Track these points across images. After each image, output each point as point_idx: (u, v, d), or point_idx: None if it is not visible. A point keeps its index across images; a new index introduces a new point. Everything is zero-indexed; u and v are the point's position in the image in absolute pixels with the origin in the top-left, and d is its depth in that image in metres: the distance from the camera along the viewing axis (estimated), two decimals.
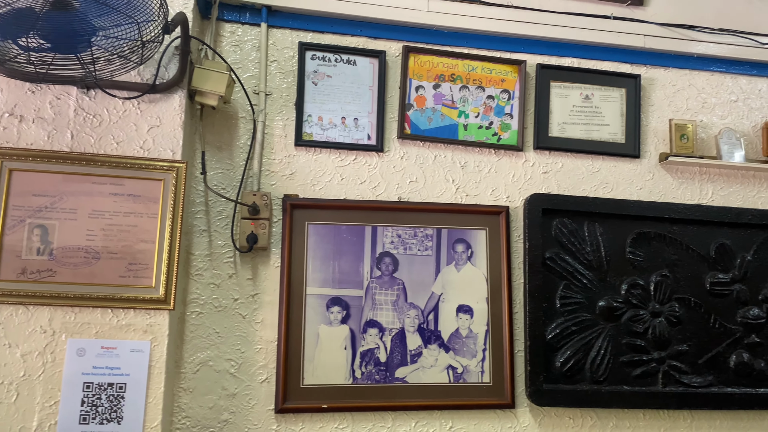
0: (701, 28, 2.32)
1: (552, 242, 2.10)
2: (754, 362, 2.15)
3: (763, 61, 2.37)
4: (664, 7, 2.34)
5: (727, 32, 2.34)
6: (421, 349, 2.01)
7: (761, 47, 2.36)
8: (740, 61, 2.37)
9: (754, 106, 2.37)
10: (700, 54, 2.33)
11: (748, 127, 2.35)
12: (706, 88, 2.35)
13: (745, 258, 2.20)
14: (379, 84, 2.11)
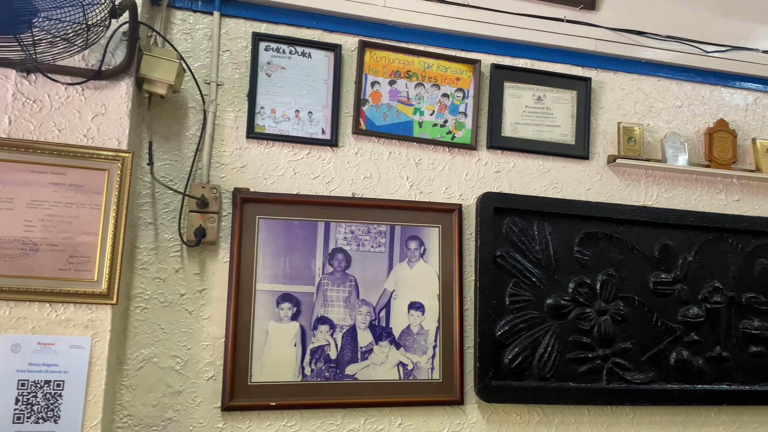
0: (650, 35, 2.44)
1: (503, 240, 2.17)
2: (693, 360, 2.26)
3: (707, 68, 2.50)
4: (615, 12, 2.44)
5: (674, 39, 2.46)
6: (372, 345, 2.04)
7: (705, 55, 2.49)
8: (686, 68, 2.50)
9: (697, 111, 2.50)
10: (648, 59, 2.44)
11: (691, 132, 2.48)
12: (653, 93, 2.46)
13: (686, 259, 2.32)
14: (334, 78, 2.13)
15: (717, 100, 2.53)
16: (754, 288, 2.38)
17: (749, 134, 2.54)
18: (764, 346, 2.35)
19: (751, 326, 2.34)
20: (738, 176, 2.45)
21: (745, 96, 2.57)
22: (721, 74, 2.54)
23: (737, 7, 2.60)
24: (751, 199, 2.50)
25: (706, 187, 2.46)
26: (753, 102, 2.57)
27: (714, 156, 2.41)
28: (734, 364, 2.31)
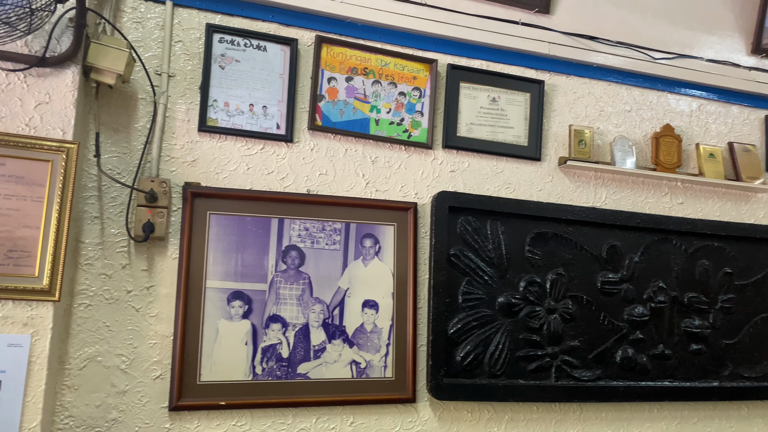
0: (601, 40, 2.54)
1: (457, 239, 2.22)
2: (637, 357, 2.37)
3: (655, 74, 2.62)
4: (568, 16, 2.53)
5: (624, 45, 2.57)
6: (325, 344, 2.05)
7: (653, 62, 2.61)
8: (635, 74, 2.61)
9: (645, 116, 2.62)
10: (599, 64, 2.54)
11: (639, 135, 2.60)
12: (603, 97, 2.57)
13: (632, 259, 2.43)
14: (290, 72, 2.13)
15: (664, 105, 2.66)
16: (696, 288, 2.51)
17: (693, 139, 2.67)
18: (704, 344, 2.48)
19: (692, 325, 2.47)
20: (682, 180, 2.57)
21: (690, 102, 2.70)
22: (667, 80, 2.66)
23: (684, 16, 2.74)
24: (694, 202, 2.63)
25: (653, 189, 2.58)
26: (697, 108, 2.71)
27: (660, 160, 2.53)
28: (676, 361, 2.43)
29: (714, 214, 2.65)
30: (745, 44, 2.84)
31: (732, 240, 2.59)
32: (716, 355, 2.49)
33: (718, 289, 2.53)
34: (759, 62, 2.84)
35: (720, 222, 2.57)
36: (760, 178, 2.68)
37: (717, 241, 2.56)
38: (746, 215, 2.71)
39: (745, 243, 2.61)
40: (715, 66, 2.72)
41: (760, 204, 2.74)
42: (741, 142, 2.73)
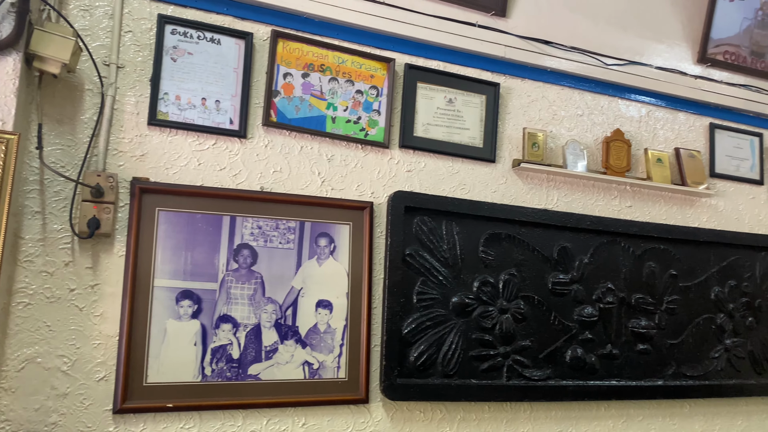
0: (555, 44, 2.61)
1: (412, 239, 2.24)
2: (586, 357, 2.45)
3: (606, 80, 2.72)
4: (524, 20, 2.59)
5: (577, 51, 2.66)
6: (277, 345, 2.04)
7: (605, 67, 2.70)
8: (587, 79, 2.70)
9: (596, 121, 2.71)
10: (553, 68, 2.62)
11: (590, 140, 2.68)
12: (556, 101, 2.64)
13: (582, 260, 2.51)
14: (244, 67, 2.12)
15: (614, 110, 2.75)
16: (643, 289, 2.61)
17: (642, 144, 2.78)
18: (650, 344, 2.58)
19: (639, 325, 2.56)
20: (631, 184, 2.68)
21: (639, 108, 2.81)
22: (618, 86, 2.76)
23: (635, 24, 2.85)
24: (642, 205, 2.74)
25: (602, 192, 2.67)
26: (646, 114, 2.82)
27: (610, 164, 2.63)
28: (623, 360, 2.52)
29: (661, 218, 2.76)
30: (691, 53, 2.97)
31: (677, 243, 2.71)
32: (661, 355, 2.60)
33: (663, 290, 2.64)
34: (704, 71, 2.98)
35: (666, 225, 2.69)
36: (704, 183, 2.81)
37: (663, 244, 2.67)
38: (691, 219, 2.83)
39: (689, 246, 2.73)
40: (663, 73, 2.84)
41: (704, 208, 2.88)
42: (687, 148, 2.85)
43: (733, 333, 2.77)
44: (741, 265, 2.84)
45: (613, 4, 2.82)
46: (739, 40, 3.04)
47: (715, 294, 2.75)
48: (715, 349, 2.72)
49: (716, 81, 2.98)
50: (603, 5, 2.79)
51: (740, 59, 3.06)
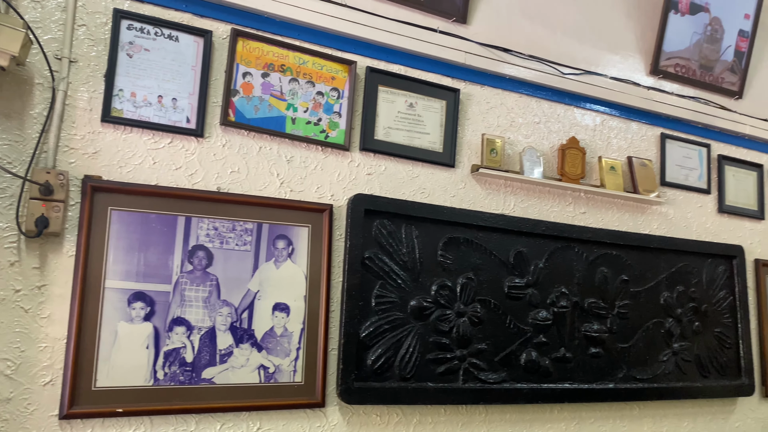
0: (514, 52, 2.67)
1: (372, 242, 2.26)
2: (540, 360, 2.51)
3: (563, 89, 2.80)
4: (484, 27, 2.65)
5: (535, 59, 2.72)
6: (232, 348, 2.02)
7: (562, 76, 2.78)
8: (544, 87, 2.77)
9: (553, 128, 2.78)
10: (512, 76, 2.67)
11: (547, 147, 2.75)
12: (515, 109, 2.70)
13: (537, 265, 2.57)
14: (203, 65, 2.09)
15: (570, 119, 2.83)
16: (595, 294, 2.69)
17: (596, 152, 2.87)
18: (602, 347, 2.66)
19: (591, 329, 2.64)
20: (585, 190, 2.75)
21: (594, 117, 2.90)
22: (574, 95, 2.84)
23: (590, 35, 2.94)
24: (596, 212, 2.82)
25: (558, 199, 2.74)
26: (600, 123, 2.91)
27: (565, 171, 2.70)
28: (575, 364, 2.59)
29: (613, 224, 2.85)
30: (644, 65, 3.08)
31: (629, 249, 2.80)
32: (612, 358, 2.68)
33: (615, 295, 2.73)
34: (656, 83, 3.09)
35: (618, 232, 2.78)
36: (655, 191, 2.91)
37: (615, 250, 2.76)
38: (642, 226, 2.93)
39: (641, 252, 2.83)
40: (617, 84, 2.94)
41: (655, 216, 2.98)
42: (639, 156, 2.96)
43: (681, 337, 2.87)
44: (689, 271, 2.96)
45: (571, 15, 2.90)
46: (690, 53, 3.18)
47: (664, 299, 2.85)
48: (663, 353, 2.82)
49: (667, 92, 3.10)
50: (561, 16, 2.87)
51: (690, 72, 3.19)
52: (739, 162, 3.29)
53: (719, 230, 3.17)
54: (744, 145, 3.35)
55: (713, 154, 3.22)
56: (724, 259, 3.08)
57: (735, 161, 3.27)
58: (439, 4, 2.55)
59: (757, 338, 3.15)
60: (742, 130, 3.30)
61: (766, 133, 3.40)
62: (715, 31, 3.25)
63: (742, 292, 3.07)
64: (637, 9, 3.12)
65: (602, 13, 3.01)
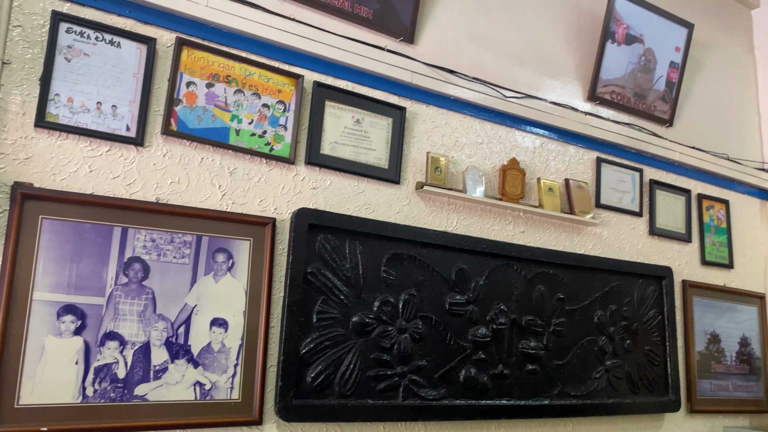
0: (459, 74, 2.75)
1: (315, 257, 2.25)
2: (479, 377, 2.55)
3: (505, 111, 2.89)
4: (431, 48, 2.71)
5: (479, 81, 2.81)
6: (168, 364, 1.97)
7: (504, 99, 2.87)
8: (487, 109, 2.85)
9: (495, 149, 2.86)
10: (456, 97, 2.74)
11: (489, 167, 2.83)
12: (459, 129, 2.77)
13: (478, 282, 2.62)
14: (145, 72, 2.06)
15: (511, 140, 2.92)
16: (533, 311, 2.76)
17: (535, 174, 2.97)
18: (538, 364, 2.73)
19: (529, 346, 2.71)
20: (525, 210, 2.84)
21: (534, 140, 3.01)
22: (516, 118, 2.94)
23: (532, 60, 3.05)
24: (534, 231, 2.91)
25: (498, 218, 2.82)
26: (540, 146, 3.02)
27: (506, 191, 2.78)
28: (513, 380, 2.65)
29: (551, 244, 2.95)
30: (582, 91, 3.22)
31: (565, 268, 2.90)
32: (548, 375, 2.75)
33: (551, 313, 2.81)
34: (593, 108, 3.24)
35: (555, 251, 2.87)
36: (590, 213, 3.03)
37: (552, 269, 2.85)
38: (578, 246, 3.04)
39: (576, 271, 2.93)
40: (556, 108, 3.05)
41: (590, 236, 3.10)
42: (576, 179, 3.07)
43: (613, 355, 2.99)
44: (621, 290, 3.08)
45: (514, 40, 3.01)
46: (625, 81, 3.34)
47: (598, 317, 2.96)
48: (596, 370, 2.92)
49: (604, 118, 3.24)
50: (505, 40, 2.97)
51: (625, 99, 3.35)
52: (669, 187, 3.47)
53: (650, 252, 3.32)
54: (674, 170, 3.54)
55: (645, 179, 3.39)
56: (654, 279, 3.23)
57: (665, 186, 3.45)
58: (387, 23, 2.59)
59: (683, 356, 3.31)
60: (672, 156, 3.49)
61: (694, 159, 3.61)
62: (648, 62, 3.43)
63: (671, 312, 3.22)
64: (577, 37, 3.26)
65: (544, 39, 3.13)
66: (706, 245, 3.57)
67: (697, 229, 3.57)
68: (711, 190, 3.70)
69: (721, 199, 3.71)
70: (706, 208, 3.62)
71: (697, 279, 3.49)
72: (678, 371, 3.20)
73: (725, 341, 3.53)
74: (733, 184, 3.82)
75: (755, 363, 3.65)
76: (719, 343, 3.50)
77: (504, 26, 2.99)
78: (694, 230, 3.55)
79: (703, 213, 3.60)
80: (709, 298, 3.50)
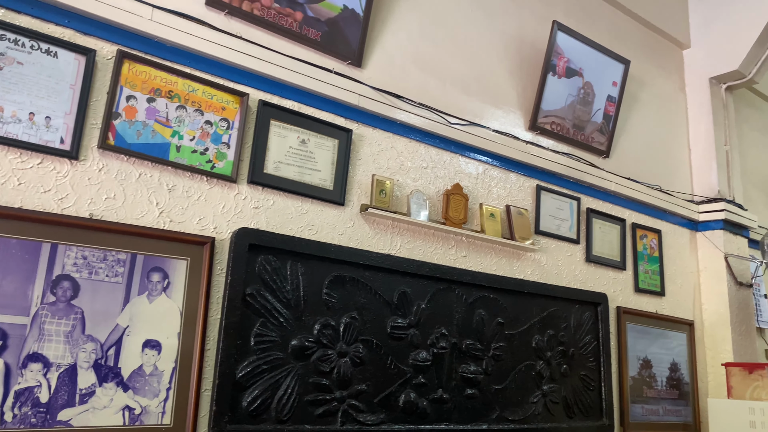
0: (406, 99, 2.78)
1: (255, 278, 2.21)
2: (419, 401, 2.55)
3: (450, 137, 2.94)
4: (378, 73, 2.74)
5: (425, 107, 2.85)
6: (95, 387, 1.89)
7: (449, 125, 2.92)
8: (433, 134, 2.90)
9: (439, 174, 2.90)
10: (402, 121, 2.78)
11: (433, 191, 2.86)
12: (404, 153, 2.80)
13: (420, 306, 2.63)
14: (83, 84, 2.00)
15: (455, 166, 2.97)
16: (473, 335, 2.79)
17: (478, 199, 3.02)
18: (477, 389, 2.75)
19: (468, 370, 2.73)
20: (467, 235, 2.88)
21: (477, 166, 3.07)
22: (460, 144, 2.99)
23: (476, 89, 3.13)
24: (476, 256, 2.95)
25: (441, 242, 2.84)
26: (482, 172, 3.08)
27: (449, 215, 2.81)
28: (452, 405, 2.66)
29: (491, 268, 3.00)
30: (524, 120, 3.32)
31: (505, 293, 2.95)
32: (487, 400, 2.78)
33: (491, 337, 2.85)
34: (534, 138, 3.33)
35: (496, 276, 2.92)
36: (530, 239, 3.10)
37: (492, 293, 2.90)
38: (517, 271, 3.10)
39: (515, 296, 2.99)
40: (499, 136, 3.13)
41: (529, 262, 3.17)
42: (516, 206, 3.15)
43: (550, 379, 3.04)
44: (558, 316, 3.15)
45: (460, 68, 3.08)
46: (564, 113, 3.46)
47: (536, 342, 3.01)
48: (534, 394, 2.96)
49: (544, 147, 3.34)
50: (451, 69, 3.04)
51: (564, 130, 3.47)
52: (605, 216, 3.59)
53: (586, 278, 3.42)
54: (610, 200, 3.67)
55: (583, 207, 3.50)
56: (590, 305, 3.32)
57: (601, 215, 3.57)
58: (335, 46, 2.61)
59: (617, 381, 3.41)
60: (608, 186, 3.62)
61: (629, 190, 3.75)
62: (587, 95, 3.57)
63: (605, 337, 3.32)
64: (520, 68, 3.37)
65: (488, 69, 3.22)
66: (639, 273, 3.70)
67: (631, 257, 3.70)
68: (644, 219, 3.85)
69: (654, 229, 3.86)
70: (639, 237, 3.76)
71: (630, 306, 3.61)
72: (612, 396, 3.28)
73: (656, 367, 3.65)
74: (665, 215, 3.99)
75: (684, 388, 3.78)
76: (651, 369, 3.61)
77: (450, 55, 3.06)
78: (628, 258, 3.68)
79: (637, 242, 3.74)
80: (641, 324, 3.62)
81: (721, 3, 4.37)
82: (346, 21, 2.64)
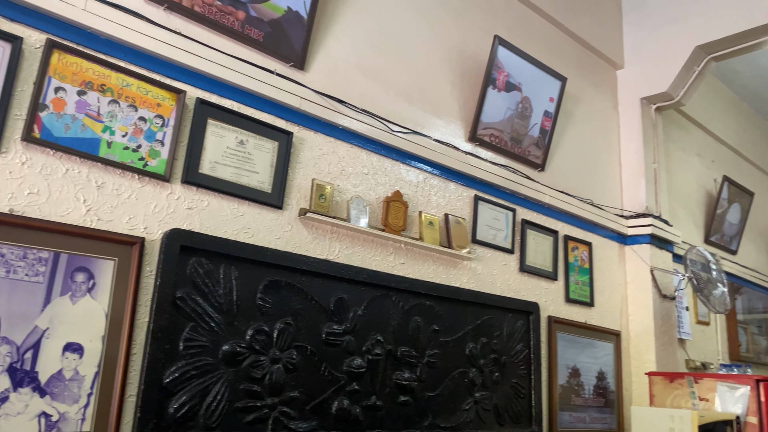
0: (348, 104, 2.78)
1: (186, 281, 2.15)
2: (352, 408, 2.53)
3: (391, 144, 2.95)
4: (321, 76, 2.73)
5: (367, 113, 2.86)
6: (9, 393, 1.78)
7: (391, 133, 2.94)
8: (374, 141, 2.90)
9: (380, 181, 2.91)
10: (344, 126, 2.77)
11: (373, 198, 2.86)
12: (345, 158, 2.79)
13: (357, 312, 2.62)
14: (7, 73, 1.89)
15: (396, 173, 2.99)
16: (408, 342, 2.80)
17: (418, 207, 3.04)
18: (411, 396, 2.75)
19: (402, 377, 2.73)
20: (406, 242, 2.90)
21: (418, 174, 3.09)
22: (401, 152, 3.01)
23: (419, 98, 3.16)
24: (414, 263, 2.97)
25: (380, 248, 2.85)
26: (422, 180, 3.11)
27: (389, 222, 2.82)
28: (385, 412, 2.65)
29: (428, 276, 3.02)
30: (464, 132, 3.37)
31: (441, 300, 2.97)
32: (420, 407, 2.79)
33: (426, 344, 2.87)
34: (473, 149, 3.39)
35: (433, 283, 2.95)
36: (467, 248, 3.15)
37: (429, 301, 2.92)
38: (453, 279, 3.14)
39: (451, 304, 3.02)
40: (439, 146, 3.17)
41: (465, 270, 3.21)
42: (455, 215, 3.19)
43: (482, 387, 3.08)
44: (492, 324, 3.21)
45: (403, 77, 3.10)
46: (503, 126, 3.54)
47: (469, 350, 3.05)
48: (466, 402, 2.99)
49: (482, 159, 3.41)
50: (394, 77, 3.06)
51: (502, 143, 3.54)
52: (539, 227, 3.69)
53: (519, 287, 3.50)
54: (544, 212, 3.77)
55: (518, 218, 3.58)
56: (522, 314, 3.39)
57: (535, 226, 3.67)
58: (278, 47, 2.58)
59: (546, 389, 3.49)
60: (542, 198, 3.72)
61: (562, 203, 3.87)
62: (525, 109, 3.66)
63: (536, 346, 3.40)
64: (461, 80, 3.42)
65: (431, 79, 3.25)
66: (570, 284, 3.82)
67: (563, 268, 3.81)
68: (576, 232, 3.98)
69: (584, 241, 4.00)
70: (571, 248, 3.88)
71: (561, 315, 3.71)
72: (541, 403, 3.36)
73: (584, 375, 3.76)
74: (596, 228, 4.13)
75: (610, 396, 3.92)
76: (579, 377, 3.72)
77: (393, 63, 3.08)
78: (560, 269, 3.79)
79: (569, 253, 3.86)
80: (571, 333, 3.73)
81: (653, 27, 4.58)
82: (289, 23, 2.62)
